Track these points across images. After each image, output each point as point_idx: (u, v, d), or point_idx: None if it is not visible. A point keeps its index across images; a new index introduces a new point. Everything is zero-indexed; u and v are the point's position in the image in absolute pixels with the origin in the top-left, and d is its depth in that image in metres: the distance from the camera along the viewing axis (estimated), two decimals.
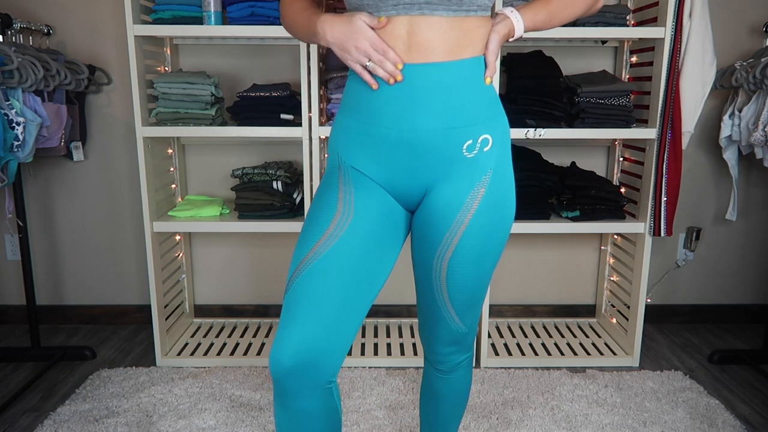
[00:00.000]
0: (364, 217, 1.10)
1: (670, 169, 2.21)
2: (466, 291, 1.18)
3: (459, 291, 1.18)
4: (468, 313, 1.23)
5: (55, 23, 2.48)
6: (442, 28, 1.04)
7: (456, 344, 1.29)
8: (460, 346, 1.30)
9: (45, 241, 2.69)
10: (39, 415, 2.00)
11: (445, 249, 1.13)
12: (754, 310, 2.82)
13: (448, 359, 1.31)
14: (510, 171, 1.16)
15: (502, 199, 1.14)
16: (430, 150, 1.08)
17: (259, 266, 2.72)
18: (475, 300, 1.22)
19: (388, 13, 1.05)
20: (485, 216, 1.11)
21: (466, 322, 1.25)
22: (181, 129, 2.18)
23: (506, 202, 1.15)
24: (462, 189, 1.11)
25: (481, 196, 1.11)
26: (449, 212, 1.11)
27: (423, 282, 1.21)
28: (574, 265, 2.75)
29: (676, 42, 2.13)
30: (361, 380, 2.21)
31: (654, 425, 1.94)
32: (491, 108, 1.12)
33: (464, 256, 1.13)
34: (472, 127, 1.09)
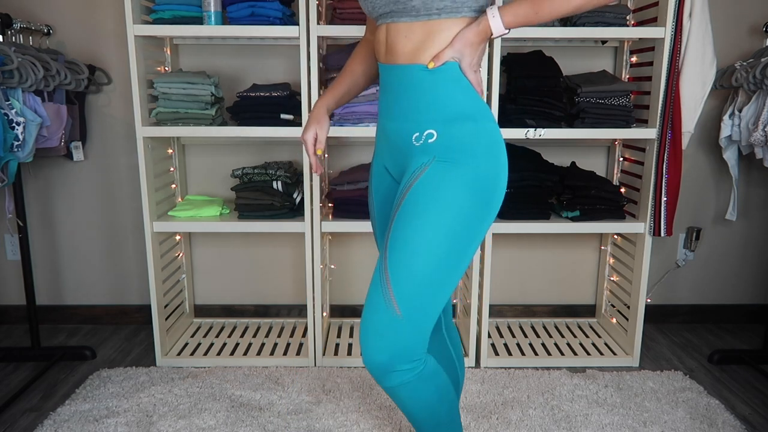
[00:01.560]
0: (378, 198, 1.47)
1: (670, 169, 2.21)
2: (404, 267, 1.15)
3: (398, 265, 1.15)
4: (405, 292, 1.14)
5: (55, 23, 2.48)
6: (404, 33, 1.22)
7: (388, 342, 1.15)
8: (397, 349, 1.15)
9: (45, 241, 2.69)
10: (39, 415, 2.00)
11: (395, 210, 1.24)
12: (754, 310, 2.82)
13: (386, 368, 1.17)
14: (457, 159, 1.21)
15: (443, 177, 1.21)
16: (396, 141, 1.31)
17: (259, 266, 2.73)
18: (413, 278, 1.14)
19: (378, 22, 1.29)
20: (425, 185, 1.21)
21: (403, 303, 1.14)
22: (181, 129, 2.18)
23: (447, 182, 1.20)
24: (413, 166, 1.26)
25: (425, 169, 1.23)
26: (404, 182, 1.26)
27: (380, 247, 1.34)
28: (574, 265, 2.75)
29: (676, 42, 2.13)
30: (361, 380, 2.21)
31: (654, 425, 1.94)
32: (444, 109, 1.23)
33: (404, 211, 1.21)
34: (420, 123, 1.25)
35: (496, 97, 2.13)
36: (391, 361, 1.16)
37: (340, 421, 1.94)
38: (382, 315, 1.16)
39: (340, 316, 2.76)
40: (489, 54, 2.10)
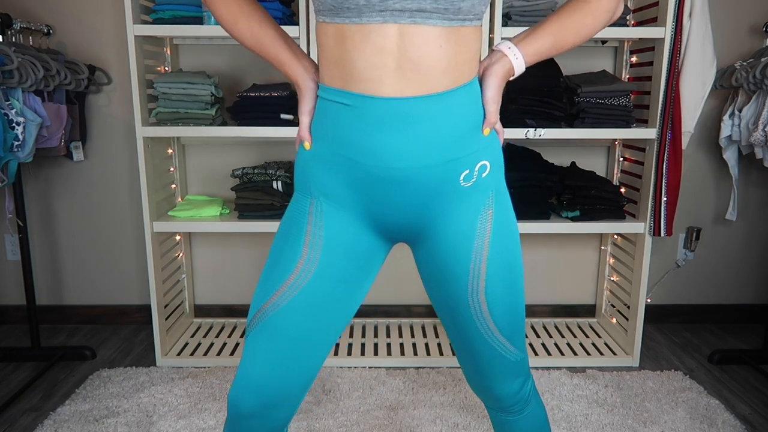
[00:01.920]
0: (331, 265, 1.03)
1: (670, 169, 2.21)
2: (510, 314, 1.09)
3: (504, 317, 1.08)
4: (517, 334, 1.12)
5: (55, 23, 2.48)
6: (437, 41, 0.92)
7: (518, 375, 1.15)
8: (523, 375, 1.16)
9: (45, 241, 2.69)
10: (39, 415, 2.00)
11: (476, 281, 1.04)
12: (754, 310, 2.82)
13: (518, 396, 1.16)
14: (505, 185, 1.09)
15: (509, 213, 1.08)
16: (424, 185, 0.99)
17: (259, 266, 2.72)
18: (520, 318, 1.12)
19: (372, 20, 0.90)
20: (501, 235, 1.05)
21: (519, 345, 1.13)
22: (181, 129, 2.18)
23: (511, 215, 1.09)
24: (469, 217, 1.03)
25: (491, 217, 1.04)
26: (464, 244, 1.03)
27: (461, 324, 1.09)
28: (574, 265, 2.75)
29: (676, 42, 2.13)
30: (361, 380, 2.21)
31: (654, 425, 1.94)
32: (479, 129, 1.02)
33: (498, 281, 1.05)
34: (469, 156, 1.00)
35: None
36: (524, 383, 1.17)
37: (340, 421, 1.94)
38: (503, 362, 1.12)
39: None
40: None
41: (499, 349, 1.10)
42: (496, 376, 1.13)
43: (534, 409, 1.20)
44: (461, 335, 1.11)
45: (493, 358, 1.11)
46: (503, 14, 2.15)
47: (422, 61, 0.92)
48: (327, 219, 1.03)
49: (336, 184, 1.02)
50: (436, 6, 0.90)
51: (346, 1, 0.90)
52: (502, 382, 1.14)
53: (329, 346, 1.08)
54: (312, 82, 1.06)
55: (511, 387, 1.15)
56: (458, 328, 1.10)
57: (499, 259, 1.05)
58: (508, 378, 1.14)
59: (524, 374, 1.16)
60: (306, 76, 1.06)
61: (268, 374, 1.02)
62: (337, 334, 1.09)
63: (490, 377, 1.14)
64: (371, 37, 0.91)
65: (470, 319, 1.07)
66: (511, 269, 1.08)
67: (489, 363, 1.12)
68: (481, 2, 0.94)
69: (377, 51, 0.92)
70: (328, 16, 0.94)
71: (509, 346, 1.11)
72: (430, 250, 1.06)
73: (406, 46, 0.91)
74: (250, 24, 1.07)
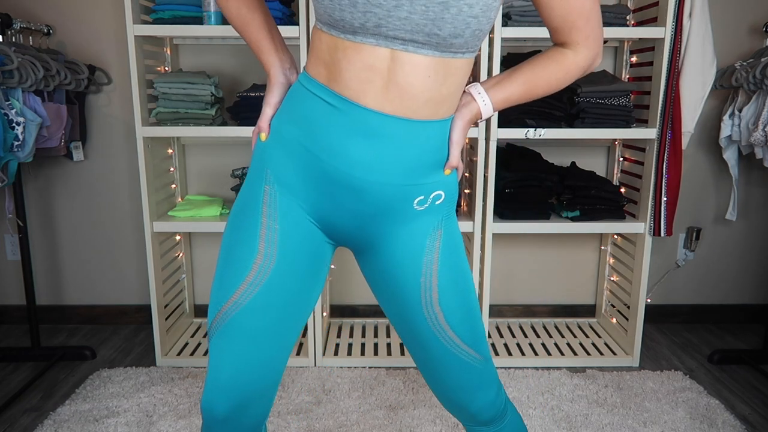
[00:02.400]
0: (288, 259, 1.02)
1: (670, 169, 2.21)
2: (468, 321, 1.10)
3: (462, 324, 1.09)
4: (479, 341, 1.12)
5: (55, 23, 2.48)
6: (426, 72, 0.94)
7: (490, 384, 1.14)
8: (494, 384, 1.15)
9: (45, 241, 2.69)
10: (39, 415, 2.00)
11: (429, 293, 1.06)
12: (754, 310, 2.82)
13: (494, 407, 1.15)
14: (454, 208, 1.11)
15: (455, 228, 1.10)
16: (379, 200, 1.01)
17: None
18: (478, 324, 1.12)
19: (366, 41, 0.92)
20: (450, 250, 1.08)
21: (482, 351, 1.12)
22: (181, 129, 2.18)
23: (457, 228, 1.11)
24: (417, 236, 1.05)
25: (440, 236, 1.06)
26: (413, 259, 1.05)
27: (422, 338, 1.10)
28: (574, 265, 2.75)
29: (676, 42, 2.13)
30: (361, 380, 2.21)
31: (654, 425, 1.94)
32: (443, 163, 1.05)
33: (450, 290, 1.07)
34: (427, 185, 1.03)
35: None
36: (497, 392, 1.16)
37: (340, 421, 1.94)
38: (471, 372, 1.12)
39: (340, 316, 2.76)
40: (489, 54, 2.10)
41: (464, 357, 1.10)
42: (467, 388, 1.12)
43: (512, 418, 1.19)
44: (424, 350, 1.11)
45: (459, 368, 1.10)
46: (503, 14, 2.15)
47: (408, 88, 0.94)
48: (281, 208, 1.02)
49: (291, 171, 1.02)
50: (429, 39, 0.92)
51: (342, 21, 0.92)
52: (475, 393, 1.13)
53: (293, 341, 1.09)
54: (283, 77, 1.08)
55: (485, 398, 1.13)
56: (420, 343, 1.11)
57: (449, 271, 1.07)
58: (480, 389, 1.13)
59: (495, 383, 1.15)
60: (278, 68, 1.08)
61: (237, 375, 1.02)
62: (299, 329, 1.09)
63: (462, 390, 1.13)
64: (363, 54, 0.93)
65: (429, 330, 1.08)
66: (462, 278, 1.09)
67: (457, 374, 1.11)
68: (474, 38, 0.94)
69: (367, 68, 0.94)
70: (326, 26, 0.96)
71: (473, 353, 1.10)
72: (377, 264, 1.08)
73: (396, 69, 0.93)
74: (239, 4, 1.08)
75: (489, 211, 2.22)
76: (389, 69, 0.93)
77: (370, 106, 0.95)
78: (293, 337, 1.08)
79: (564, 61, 1.05)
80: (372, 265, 1.10)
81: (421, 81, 0.94)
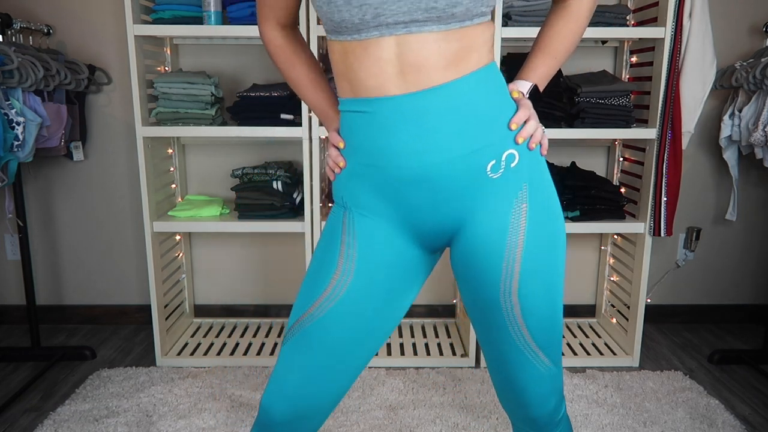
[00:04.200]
0: (366, 275, 1.02)
1: (670, 169, 2.21)
2: (545, 319, 1.03)
3: (538, 321, 1.03)
4: (552, 343, 1.06)
5: (55, 23, 2.48)
6: (435, 44, 0.92)
7: (552, 393, 1.09)
8: (557, 392, 1.10)
9: (45, 241, 2.69)
10: (39, 415, 2.00)
11: (509, 281, 0.99)
12: (754, 310, 2.82)
13: (550, 418, 1.10)
14: (548, 180, 1.04)
15: (550, 208, 1.03)
16: (449, 181, 0.96)
17: (259, 266, 2.73)
18: (555, 325, 1.06)
19: (370, 35, 0.92)
20: (538, 232, 1.01)
21: (553, 356, 1.06)
22: (181, 129, 2.18)
23: (555, 211, 1.04)
24: (501, 211, 0.99)
25: (525, 211, 0.99)
26: (496, 240, 0.99)
27: (494, 330, 1.04)
28: (574, 265, 2.75)
29: (676, 42, 2.13)
30: (361, 380, 2.21)
31: (654, 425, 1.94)
32: (506, 120, 0.99)
33: (533, 282, 1.01)
34: (493, 145, 0.97)
35: None
36: (558, 403, 1.12)
37: (340, 421, 1.94)
38: (536, 376, 1.07)
39: None
40: None
41: (531, 358, 1.05)
42: (530, 392, 1.07)
43: (563, 429, 1.15)
44: (492, 342, 1.07)
45: (525, 369, 1.06)
46: (503, 14, 2.15)
47: (422, 63, 0.93)
48: (360, 230, 1.03)
49: (365, 193, 1.02)
50: (429, 15, 0.90)
51: (343, 21, 0.93)
52: (536, 398, 1.08)
53: (366, 359, 1.08)
54: (337, 122, 1.12)
55: (545, 407, 1.09)
56: (490, 334, 1.06)
57: (535, 258, 1.00)
58: (542, 394, 1.08)
59: (558, 392, 1.10)
60: (335, 119, 1.13)
61: (302, 385, 1.03)
62: (375, 347, 1.08)
63: (524, 393, 1.08)
64: (370, 50, 0.94)
65: (503, 322, 1.02)
66: (549, 272, 1.03)
67: (521, 374, 1.06)
68: (475, 3, 0.91)
69: (376, 61, 0.94)
70: (333, 34, 0.98)
71: (542, 357, 1.05)
72: (463, 249, 1.02)
73: (404, 53, 0.93)
74: (305, 71, 1.14)
75: None
76: (397, 55, 0.93)
77: (393, 93, 0.94)
78: (368, 353, 1.08)
79: (571, 12, 1.09)
80: (459, 254, 1.03)
81: (432, 52, 0.92)
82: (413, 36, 0.92)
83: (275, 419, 1.04)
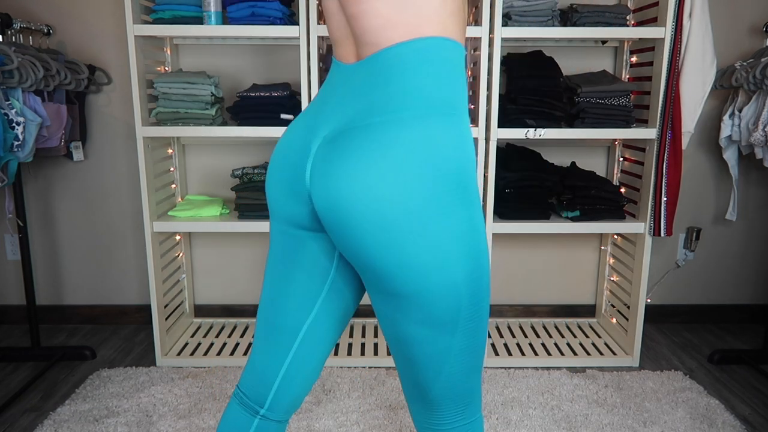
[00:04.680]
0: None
1: (670, 169, 2.21)
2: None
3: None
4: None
5: (55, 23, 2.48)
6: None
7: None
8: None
9: (45, 241, 2.69)
10: (39, 415, 2.00)
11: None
12: (754, 310, 2.82)
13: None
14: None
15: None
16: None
17: (259, 266, 2.72)
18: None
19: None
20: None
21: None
22: (181, 129, 2.18)
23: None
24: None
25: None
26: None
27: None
28: (574, 265, 2.75)
29: (676, 42, 2.13)
30: (361, 380, 2.21)
31: (654, 425, 1.94)
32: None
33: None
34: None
35: (496, 97, 2.13)
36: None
37: (340, 421, 1.95)
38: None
39: None
40: (489, 54, 2.10)
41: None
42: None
43: None
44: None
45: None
46: (503, 14, 2.15)
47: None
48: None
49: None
50: None
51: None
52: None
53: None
54: None
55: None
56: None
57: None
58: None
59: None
60: None
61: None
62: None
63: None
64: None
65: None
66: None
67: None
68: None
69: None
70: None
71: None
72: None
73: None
74: None
75: (489, 211, 2.22)
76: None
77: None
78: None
79: None
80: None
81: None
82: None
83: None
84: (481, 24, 2.08)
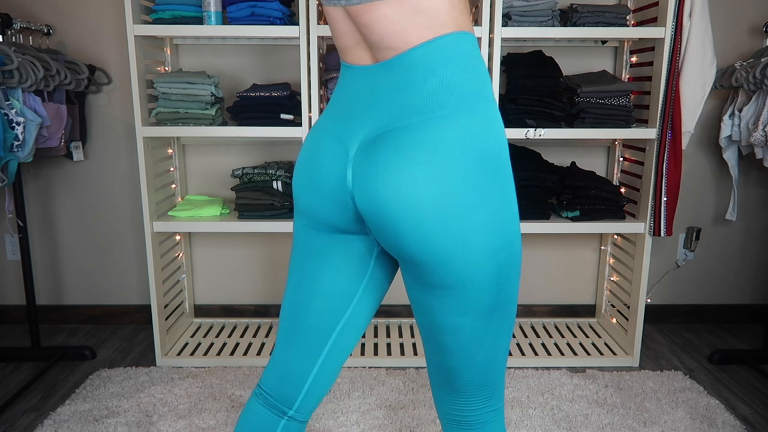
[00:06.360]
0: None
1: (670, 169, 2.21)
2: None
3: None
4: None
5: (55, 23, 2.48)
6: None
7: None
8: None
9: (45, 241, 2.69)
10: (39, 415, 2.00)
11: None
12: (754, 310, 2.82)
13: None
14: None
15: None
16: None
17: (259, 266, 2.73)
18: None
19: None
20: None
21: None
22: (181, 129, 2.18)
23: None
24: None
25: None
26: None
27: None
28: (574, 265, 2.75)
29: (676, 42, 2.13)
30: (361, 380, 2.21)
31: (654, 425, 1.94)
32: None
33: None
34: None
35: (496, 97, 2.13)
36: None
37: (340, 421, 1.95)
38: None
39: None
40: (489, 54, 2.10)
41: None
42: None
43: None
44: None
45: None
46: (503, 14, 2.15)
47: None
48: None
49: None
50: None
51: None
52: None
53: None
54: None
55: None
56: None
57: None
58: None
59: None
60: None
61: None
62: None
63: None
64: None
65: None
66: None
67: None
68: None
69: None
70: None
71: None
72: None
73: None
74: None
75: None
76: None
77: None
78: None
79: None
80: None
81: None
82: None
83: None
84: (481, 24, 2.08)
